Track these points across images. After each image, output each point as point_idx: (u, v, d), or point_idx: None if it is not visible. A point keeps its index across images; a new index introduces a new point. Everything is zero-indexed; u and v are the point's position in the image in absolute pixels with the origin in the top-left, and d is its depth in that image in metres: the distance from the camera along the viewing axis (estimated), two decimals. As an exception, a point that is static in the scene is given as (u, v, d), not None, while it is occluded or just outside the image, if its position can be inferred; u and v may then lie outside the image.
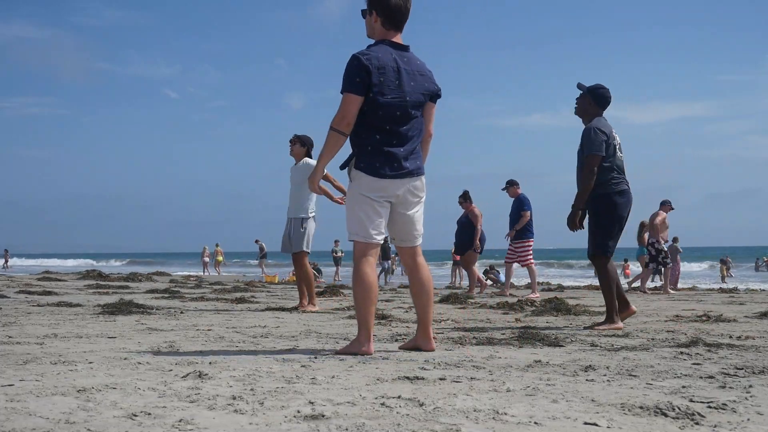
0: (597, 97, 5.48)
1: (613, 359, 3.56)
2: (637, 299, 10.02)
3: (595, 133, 5.31)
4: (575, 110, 5.59)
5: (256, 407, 2.32)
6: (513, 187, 11.68)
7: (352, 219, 3.77)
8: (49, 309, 6.80)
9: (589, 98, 5.49)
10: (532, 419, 2.19)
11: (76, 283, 13.73)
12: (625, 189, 5.41)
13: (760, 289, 14.62)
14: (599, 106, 5.49)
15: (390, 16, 3.72)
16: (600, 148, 5.28)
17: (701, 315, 6.41)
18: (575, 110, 5.59)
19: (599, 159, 5.28)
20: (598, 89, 5.49)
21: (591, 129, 5.35)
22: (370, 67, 3.61)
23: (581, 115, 5.55)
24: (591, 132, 5.33)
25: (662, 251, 13.10)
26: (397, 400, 2.43)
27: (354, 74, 3.61)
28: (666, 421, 2.18)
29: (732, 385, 2.80)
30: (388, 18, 3.73)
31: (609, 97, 5.51)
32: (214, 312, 6.81)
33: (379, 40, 3.77)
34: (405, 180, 3.75)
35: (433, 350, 3.81)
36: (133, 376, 2.92)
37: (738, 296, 11.15)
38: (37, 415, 2.18)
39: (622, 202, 5.37)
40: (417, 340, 3.86)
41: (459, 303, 8.51)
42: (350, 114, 3.64)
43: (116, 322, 5.55)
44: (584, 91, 5.52)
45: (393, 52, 3.72)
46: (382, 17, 3.73)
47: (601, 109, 5.50)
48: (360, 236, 3.74)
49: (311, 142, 7.54)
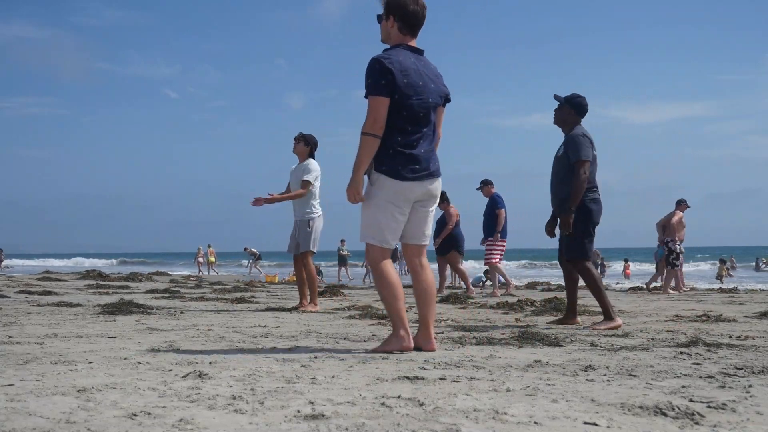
0: (576, 106, 5.66)
1: (613, 359, 3.56)
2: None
3: (584, 138, 5.50)
4: (554, 120, 5.76)
5: (256, 407, 2.32)
6: (487, 186, 11.76)
7: (370, 223, 3.81)
8: (49, 309, 6.80)
9: (568, 108, 5.66)
10: (532, 419, 2.19)
11: (76, 283, 13.74)
12: (598, 198, 5.61)
13: (760, 289, 14.62)
14: (579, 114, 5.68)
15: (407, 21, 3.82)
16: (589, 153, 5.47)
17: (701, 315, 6.41)
18: (554, 120, 5.76)
19: (589, 163, 5.46)
20: (576, 98, 5.68)
21: (579, 135, 5.52)
22: (393, 69, 3.67)
23: (561, 125, 5.73)
24: (580, 138, 5.50)
25: (674, 251, 13.02)
26: (397, 400, 2.44)
27: (379, 77, 3.66)
28: (666, 421, 2.18)
29: (732, 385, 2.80)
30: (405, 23, 3.82)
31: (587, 105, 5.71)
32: (214, 312, 6.82)
33: (396, 45, 3.84)
34: (425, 182, 3.81)
35: (434, 350, 3.83)
36: (133, 376, 2.92)
37: (738, 296, 11.15)
38: (37, 415, 2.18)
39: (596, 209, 5.56)
40: (418, 339, 3.86)
41: (459, 303, 8.52)
42: (381, 116, 3.68)
43: (116, 322, 5.56)
44: (562, 101, 5.70)
45: (411, 55, 3.81)
46: (400, 22, 3.82)
47: (581, 117, 5.69)
48: (376, 240, 3.81)
49: (315, 142, 7.52)
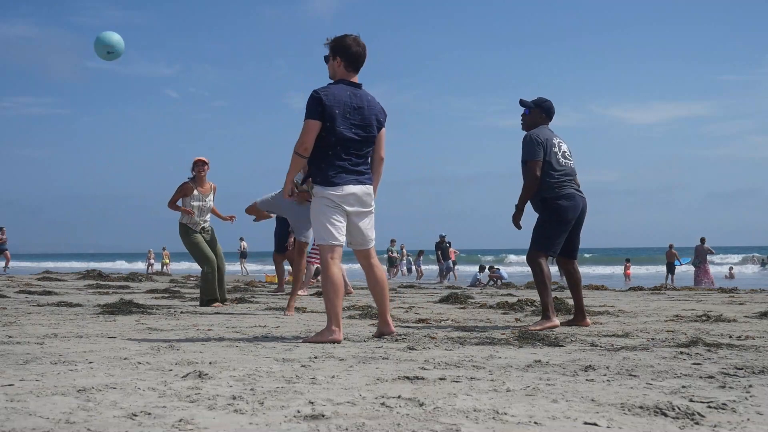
0: (546, 110, 5.75)
1: (613, 359, 3.56)
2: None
3: (530, 140, 5.55)
4: (523, 126, 5.78)
5: (256, 407, 2.32)
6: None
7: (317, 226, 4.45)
8: (49, 309, 6.80)
9: (538, 111, 5.71)
10: (532, 419, 2.19)
11: (76, 282, 13.74)
12: (572, 192, 5.55)
13: (760, 289, 14.62)
14: (548, 117, 5.75)
15: (351, 61, 4.50)
16: (536, 152, 5.49)
17: (701, 315, 6.41)
18: (523, 126, 5.78)
19: (537, 163, 5.49)
20: (545, 102, 5.76)
21: (527, 136, 5.59)
22: (325, 100, 4.34)
23: (531, 129, 5.72)
24: (527, 138, 5.57)
25: None
26: (397, 400, 2.44)
27: (315, 105, 4.36)
28: (666, 421, 2.18)
29: (732, 385, 2.80)
30: (349, 62, 4.50)
31: (554, 107, 5.81)
32: (214, 312, 6.82)
33: (339, 80, 4.50)
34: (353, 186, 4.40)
35: (392, 332, 4.53)
36: (133, 376, 2.92)
37: (738, 296, 11.15)
38: (37, 415, 2.18)
39: (567, 205, 5.50)
40: (380, 326, 4.61)
41: (459, 303, 8.52)
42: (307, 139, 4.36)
43: (116, 322, 5.56)
44: (531, 106, 5.75)
45: (348, 89, 4.47)
46: (345, 62, 4.50)
47: (549, 120, 5.77)
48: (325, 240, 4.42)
49: None
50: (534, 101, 5.76)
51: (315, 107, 4.35)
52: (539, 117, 5.71)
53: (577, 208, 5.54)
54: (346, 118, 4.39)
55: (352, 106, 4.42)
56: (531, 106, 5.74)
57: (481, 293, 11.85)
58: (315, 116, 4.34)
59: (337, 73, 4.54)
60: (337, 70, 4.54)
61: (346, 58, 4.50)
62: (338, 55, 4.51)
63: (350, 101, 4.43)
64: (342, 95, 4.41)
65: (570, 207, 5.50)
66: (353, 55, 4.50)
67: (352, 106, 4.43)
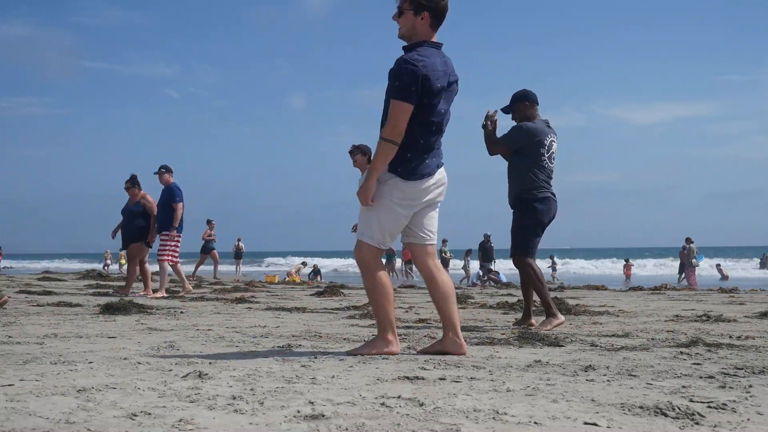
0: (524, 97, 5.66)
1: (613, 359, 3.56)
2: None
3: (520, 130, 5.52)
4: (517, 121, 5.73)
5: (256, 407, 2.32)
6: (166, 174, 10.06)
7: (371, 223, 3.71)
8: (49, 309, 6.80)
9: (526, 103, 5.64)
10: (532, 419, 2.19)
11: (75, 283, 13.74)
12: (548, 197, 5.56)
13: (760, 289, 14.62)
14: (533, 101, 5.65)
15: (440, 17, 3.68)
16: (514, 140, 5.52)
17: (701, 315, 6.41)
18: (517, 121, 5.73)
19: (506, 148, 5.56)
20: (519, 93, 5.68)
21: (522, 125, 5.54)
22: (430, 75, 3.55)
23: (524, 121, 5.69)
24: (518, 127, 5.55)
25: None
26: (397, 400, 2.44)
27: (410, 82, 3.52)
28: (666, 421, 2.18)
29: (732, 385, 2.80)
30: (437, 19, 3.68)
31: (530, 91, 5.71)
32: (214, 312, 6.81)
33: (422, 41, 3.67)
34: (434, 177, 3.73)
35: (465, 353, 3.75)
36: (133, 376, 2.92)
37: (738, 296, 11.15)
38: (37, 415, 2.18)
39: (542, 208, 5.52)
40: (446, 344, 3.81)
41: (459, 303, 8.51)
42: (402, 124, 3.56)
43: (116, 322, 5.56)
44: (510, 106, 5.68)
45: (439, 55, 3.67)
46: (433, 18, 3.66)
47: (536, 104, 5.67)
48: (375, 241, 3.72)
49: (370, 150, 7.65)
50: (518, 95, 5.67)
51: (412, 84, 3.52)
52: (526, 108, 5.61)
53: (550, 212, 5.59)
54: (442, 94, 3.64)
55: (447, 78, 3.66)
56: (510, 106, 5.67)
57: (481, 293, 11.84)
58: (411, 97, 3.53)
59: (418, 32, 3.67)
60: (419, 28, 3.67)
61: (435, 12, 3.66)
62: (426, 10, 3.64)
63: (444, 70, 3.64)
64: (437, 64, 3.61)
65: (545, 211, 5.54)
66: (442, 9, 3.68)
67: (448, 79, 3.67)
